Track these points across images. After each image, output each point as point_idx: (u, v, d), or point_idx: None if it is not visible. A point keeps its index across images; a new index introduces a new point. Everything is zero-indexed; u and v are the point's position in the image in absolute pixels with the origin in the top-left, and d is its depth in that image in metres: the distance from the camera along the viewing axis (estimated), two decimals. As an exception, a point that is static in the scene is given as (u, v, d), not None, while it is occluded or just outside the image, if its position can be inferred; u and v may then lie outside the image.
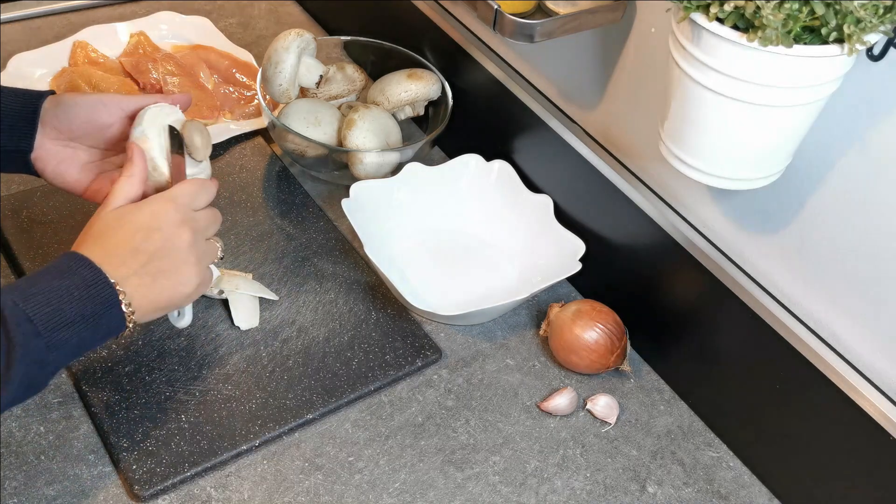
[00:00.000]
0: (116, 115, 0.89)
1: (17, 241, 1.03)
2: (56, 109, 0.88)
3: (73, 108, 0.88)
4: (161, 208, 0.80)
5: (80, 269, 0.74)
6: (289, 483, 0.86)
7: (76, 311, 0.72)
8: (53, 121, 0.88)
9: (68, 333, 0.72)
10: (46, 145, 0.88)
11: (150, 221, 0.79)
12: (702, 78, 0.71)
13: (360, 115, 1.14)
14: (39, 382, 0.73)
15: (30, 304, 0.70)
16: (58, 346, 0.72)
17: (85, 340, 0.74)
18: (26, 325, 0.69)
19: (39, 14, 1.38)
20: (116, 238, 0.78)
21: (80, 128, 0.89)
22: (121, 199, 0.81)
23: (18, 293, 0.71)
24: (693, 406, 0.98)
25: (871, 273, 0.80)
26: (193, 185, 0.84)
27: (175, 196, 0.82)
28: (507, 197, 1.12)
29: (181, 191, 0.83)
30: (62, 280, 0.73)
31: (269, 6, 1.49)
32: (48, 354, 0.71)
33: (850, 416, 0.81)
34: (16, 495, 0.82)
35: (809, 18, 0.65)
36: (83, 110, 0.88)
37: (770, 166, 0.78)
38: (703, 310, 0.94)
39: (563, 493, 0.89)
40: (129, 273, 0.77)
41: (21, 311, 0.70)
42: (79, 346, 0.74)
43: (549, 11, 0.95)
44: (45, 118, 0.88)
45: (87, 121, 0.88)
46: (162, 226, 0.79)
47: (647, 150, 0.99)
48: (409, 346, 0.99)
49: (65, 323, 0.72)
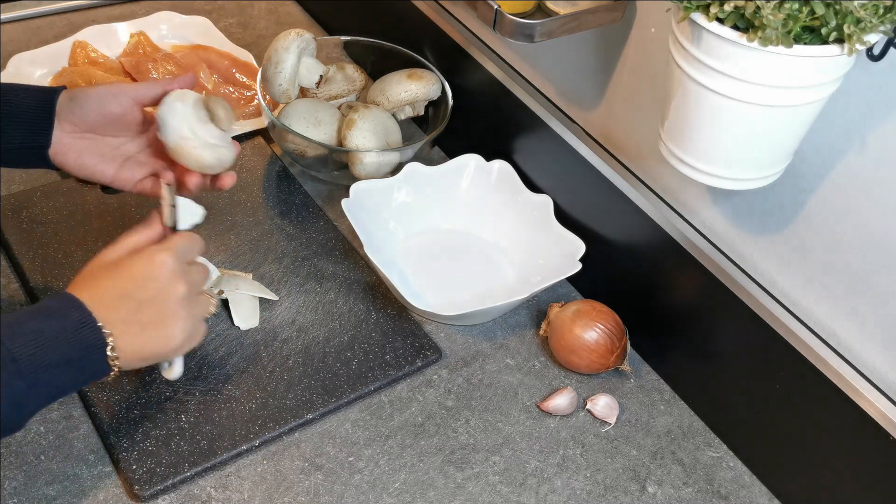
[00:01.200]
0: (127, 104, 0.90)
1: (17, 241, 1.03)
2: (70, 104, 0.89)
3: (85, 101, 0.89)
4: (158, 257, 0.79)
5: (71, 310, 0.74)
6: (289, 483, 0.86)
7: (62, 353, 0.72)
8: (69, 115, 0.89)
9: (50, 376, 0.71)
10: (65, 140, 0.89)
11: (145, 269, 0.78)
12: (702, 78, 0.71)
13: (360, 115, 1.14)
14: (15, 423, 0.72)
15: (16, 344, 0.70)
16: (38, 388, 0.71)
17: (66, 384, 0.74)
18: (10, 364, 0.69)
19: (39, 14, 1.38)
20: (110, 282, 0.77)
21: (94, 119, 0.90)
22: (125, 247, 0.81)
23: (7, 331, 0.70)
24: (693, 406, 0.98)
25: (871, 273, 0.80)
26: (186, 238, 0.83)
27: (171, 247, 0.81)
28: (507, 197, 1.12)
29: (177, 243, 0.82)
30: (51, 321, 0.72)
31: (269, 6, 1.49)
32: (28, 395, 0.70)
33: (850, 416, 0.81)
34: (16, 495, 0.82)
35: (809, 18, 0.65)
36: (95, 102, 0.89)
37: (770, 166, 0.78)
38: (703, 310, 0.94)
39: (563, 493, 0.89)
40: (117, 318, 0.76)
41: (7, 349, 0.69)
42: (60, 389, 0.73)
43: (549, 11, 0.95)
44: (61, 113, 0.89)
45: (100, 112, 0.89)
46: (158, 276, 0.78)
47: (647, 150, 0.99)
48: (409, 346, 0.99)
49: (48, 365, 0.71)
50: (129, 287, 0.77)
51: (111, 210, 1.08)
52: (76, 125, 0.89)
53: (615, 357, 0.97)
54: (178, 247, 0.81)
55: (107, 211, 1.08)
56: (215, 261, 1.04)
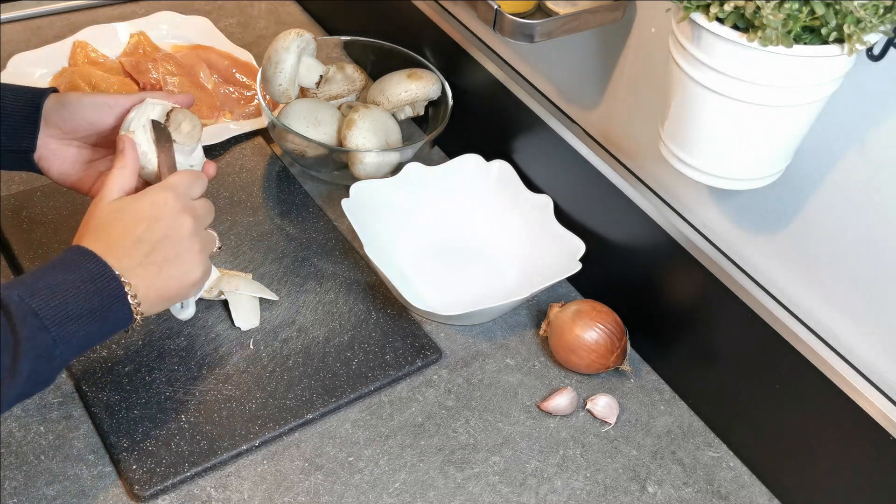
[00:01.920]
0: (121, 115, 0.89)
1: (17, 241, 1.03)
2: (61, 110, 0.88)
3: (77, 110, 0.88)
4: (161, 197, 0.79)
5: (85, 262, 0.74)
6: (289, 483, 0.86)
7: (82, 304, 0.72)
8: (58, 121, 0.88)
9: (75, 327, 0.72)
10: (51, 144, 0.89)
11: (150, 211, 0.79)
12: (702, 78, 0.71)
13: (360, 115, 1.14)
14: (47, 377, 0.72)
15: (35, 299, 0.70)
16: (65, 339, 0.71)
17: (92, 334, 0.74)
18: (33, 319, 0.69)
19: (39, 14, 1.38)
20: (118, 230, 0.77)
21: (84, 129, 0.89)
22: (116, 190, 0.81)
23: (24, 288, 0.71)
24: (693, 406, 0.98)
25: (871, 273, 0.80)
26: (188, 176, 0.84)
27: (173, 185, 0.81)
28: (507, 197, 1.12)
29: (178, 180, 0.82)
30: (67, 274, 0.73)
31: (269, 6, 1.49)
32: (55, 348, 0.71)
33: (850, 416, 0.81)
34: (16, 495, 0.82)
35: (809, 18, 0.65)
36: (87, 111, 0.88)
37: (770, 166, 0.78)
38: (703, 310, 0.94)
39: (563, 493, 0.89)
40: (133, 264, 0.76)
41: (27, 305, 0.69)
42: (86, 339, 0.74)
43: (549, 11, 0.95)
44: (50, 117, 0.88)
45: (91, 122, 0.88)
46: (163, 215, 0.79)
47: (647, 150, 0.99)
48: (409, 346, 0.99)
49: (71, 317, 0.71)
50: (139, 231, 0.77)
51: (111, 210, 1.08)
52: (64, 131, 0.88)
53: (615, 357, 0.97)
54: (178, 184, 0.82)
55: (107, 211, 1.08)
56: (215, 261, 1.04)
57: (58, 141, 0.89)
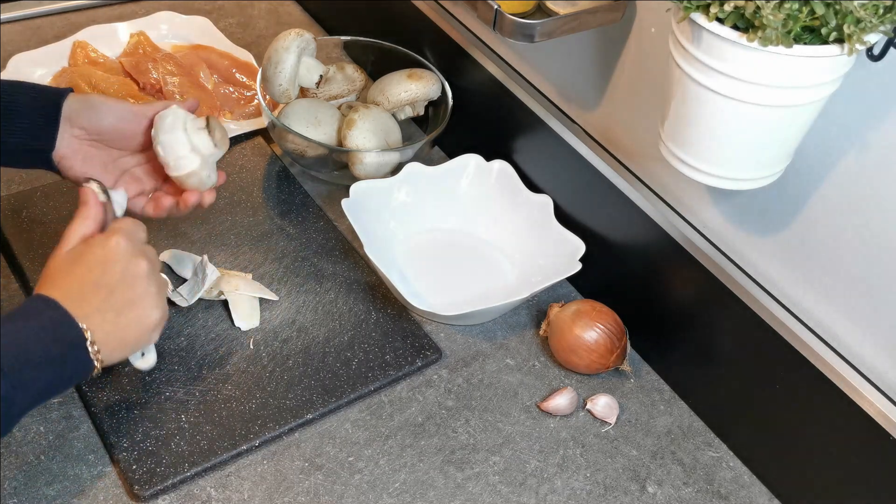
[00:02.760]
0: (143, 124, 0.91)
1: (17, 241, 1.03)
2: (88, 111, 0.88)
3: (103, 113, 0.89)
4: (112, 241, 0.79)
5: (46, 310, 0.74)
6: (289, 483, 0.86)
7: (42, 352, 0.72)
8: (83, 121, 0.88)
9: (34, 374, 0.71)
10: (73, 144, 0.89)
11: (105, 255, 0.78)
12: (702, 78, 0.71)
13: (360, 115, 1.14)
14: (6, 424, 0.71)
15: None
16: (23, 386, 0.71)
17: (52, 383, 0.74)
18: None
19: (39, 14, 1.38)
20: (74, 275, 0.77)
21: (107, 132, 0.90)
22: (74, 238, 0.80)
23: None
24: (693, 406, 0.98)
25: (871, 273, 0.80)
26: (131, 222, 0.84)
27: (120, 230, 0.81)
28: (507, 197, 1.12)
29: (124, 225, 0.82)
30: (27, 322, 0.72)
31: (269, 6, 1.49)
32: (14, 395, 0.70)
33: (850, 416, 0.81)
34: (16, 495, 0.82)
35: (809, 18, 0.65)
36: (113, 116, 0.90)
37: (770, 166, 0.78)
38: (703, 310, 0.94)
39: (563, 493, 0.89)
40: (91, 310, 0.76)
41: None
42: (46, 388, 0.73)
43: (549, 11, 0.95)
44: (73, 117, 0.88)
45: (115, 127, 0.90)
46: (118, 258, 0.78)
47: (647, 150, 0.99)
48: (409, 346, 0.99)
49: (30, 364, 0.71)
50: (95, 275, 0.77)
51: (111, 210, 1.08)
52: (88, 132, 0.89)
53: (615, 357, 0.97)
54: (125, 229, 0.82)
55: (107, 211, 1.08)
56: (215, 261, 1.04)
57: (80, 140, 0.89)
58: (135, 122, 0.90)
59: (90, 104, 0.89)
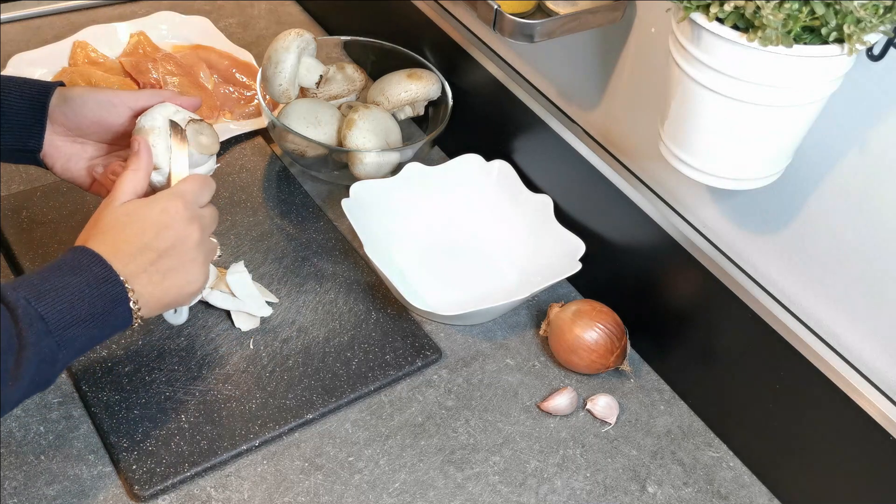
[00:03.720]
0: (125, 114, 0.88)
1: (17, 241, 1.03)
2: (64, 106, 0.87)
3: (81, 107, 0.87)
4: (171, 205, 0.80)
5: (91, 265, 0.74)
6: (289, 483, 0.86)
7: (86, 309, 0.72)
8: (61, 117, 0.88)
9: (78, 331, 0.72)
10: (56, 142, 0.88)
11: (160, 218, 0.79)
12: (702, 78, 0.71)
13: (360, 115, 1.14)
14: (48, 380, 0.73)
15: (42, 303, 0.70)
16: (67, 343, 0.72)
17: (93, 337, 0.74)
18: (38, 323, 0.69)
19: (39, 14, 1.38)
20: (126, 234, 0.77)
21: (88, 126, 0.89)
22: (127, 192, 0.80)
23: (30, 289, 0.71)
24: (693, 406, 0.98)
25: (871, 273, 0.80)
26: (197, 182, 0.84)
27: (183, 192, 0.81)
28: (507, 197, 1.12)
29: (188, 187, 0.82)
30: (73, 276, 0.73)
31: (269, 6, 1.49)
32: (58, 352, 0.71)
33: (850, 416, 0.81)
34: (16, 495, 0.82)
35: (809, 18, 0.65)
36: (91, 109, 0.88)
37: (770, 166, 0.78)
38: (703, 310, 0.94)
39: (563, 493, 0.89)
40: (138, 270, 0.76)
41: (33, 308, 0.70)
42: (87, 342, 0.74)
43: (549, 11, 0.95)
44: (53, 114, 0.87)
45: (96, 120, 0.88)
46: (173, 223, 0.79)
47: (647, 150, 0.99)
48: (409, 346, 0.99)
49: (75, 321, 0.72)
50: (147, 237, 0.78)
51: (111, 210, 1.08)
52: (69, 128, 0.88)
53: (615, 357, 0.97)
54: (189, 191, 0.82)
55: (107, 211, 1.08)
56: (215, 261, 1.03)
57: (62, 138, 0.89)
58: (115, 113, 0.88)
59: (66, 99, 0.87)
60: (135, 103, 0.88)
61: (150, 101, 0.88)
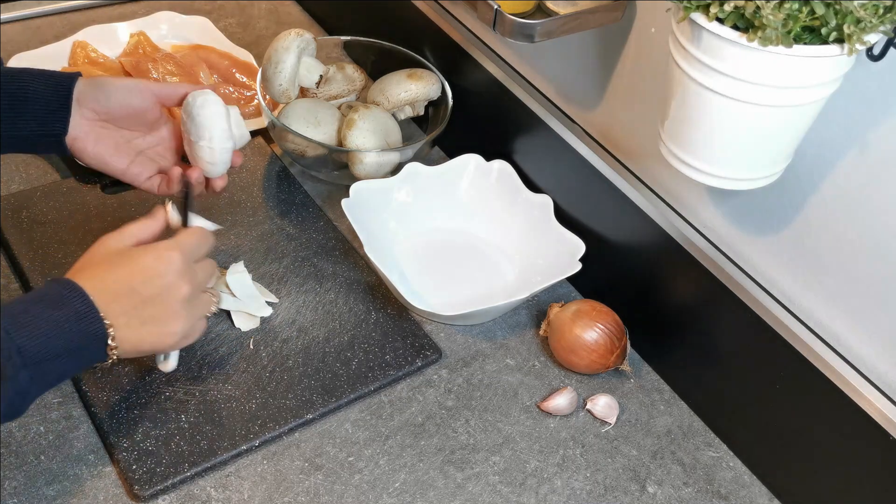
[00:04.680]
0: (150, 100, 0.92)
1: (17, 241, 1.03)
2: (95, 91, 0.90)
3: (111, 91, 0.91)
4: (167, 255, 0.79)
5: (74, 300, 0.74)
6: (289, 483, 0.86)
7: (64, 344, 0.72)
8: (91, 102, 0.90)
9: (52, 366, 0.72)
10: (84, 126, 0.90)
11: (154, 265, 0.79)
12: (702, 78, 0.71)
13: (360, 115, 1.14)
14: (19, 411, 0.73)
15: (21, 335, 0.70)
16: (40, 378, 0.72)
17: (65, 372, 0.75)
18: (16, 356, 0.69)
19: (39, 14, 1.38)
20: (116, 274, 0.77)
21: (116, 110, 0.91)
22: (130, 238, 0.81)
23: (10, 319, 0.71)
24: (693, 406, 0.98)
25: (871, 273, 0.80)
26: (196, 236, 0.84)
27: (181, 244, 0.81)
28: (507, 197, 1.12)
29: (187, 240, 0.82)
30: (54, 310, 0.73)
31: (269, 6, 1.49)
32: (31, 386, 0.71)
33: (850, 416, 0.81)
34: (16, 495, 0.82)
35: (809, 18, 0.65)
36: (119, 93, 0.91)
37: (770, 166, 0.78)
38: (703, 310, 0.94)
39: (563, 493, 0.89)
40: (119, 311, 0.76)
41: (12, 341, 0.69)
42: (58, 377, 0.75)
43: (549, 11, 0.95)
44: (82, 99, 0.90)
45: (123, 104, 0.91)
46: (165, 273, 0.79)
47: (647, 150, 0.99)
48: (409, 346, 0.99)
49: (51, 356, 0.72)
50: (135, 282, 0.78)
51: (111, 210, 1.08)
52: (97, 113, 0.91)
53: (615, 357, 0.97)
54: (187, 244, 0.82)
55: (107, 211, 1.08)
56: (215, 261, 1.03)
57: (90, 122, 0.91)
58: (142, 99, 0.92)
59: (98, 84, 0.91)
60: (160, 91, 0.93)
61: (175, 90, 0.93)
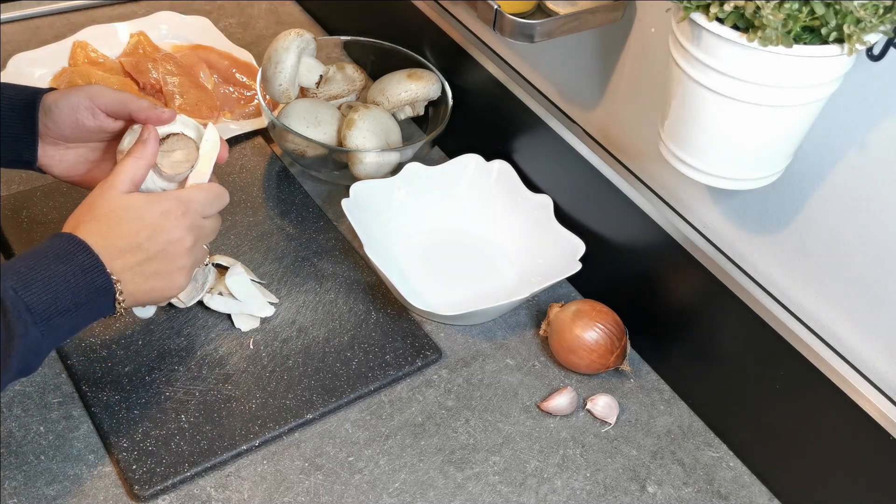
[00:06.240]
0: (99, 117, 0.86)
1: (17, 241, 1.03)
2: (45, 118, 0.86)
3: (58, 115, 0.85)
4: (173, 209, 0.79)
5: (79, 254, 0.74)
6: (289, 483, 0.86)
7: (72, 298, 0.73)
8: (43, 129, 0.86)
9: (62, 321, 0.73)
10: (49, 151, 0.88)
11: (158, 221, 0.78)
12: (702, 78, 0.71)
13: (360, 115, 1.14)
14: (32, 367, 0.74)
15: (29, 293, 0.71)
16: (51, 333, 0.72)
17: (76, 326, 0.75)
18: (26, 314, 0.70)
19: (39, 14, 1.38)
20: (121, 229, 0.77)
21: (70, 132, 0.87)
22: (126, 181, 0.80)
23: (17, 279, 0.71)
24: (693, 406, 0.98)
25: (871, 273, 0.80)
26: (210, 193, 0.83)
27: (189, 200, 0.81)
28: (507, 197, 1.12)
29: (197, 196, 0.82)
30: (59, 265, 0.73)
31: (269, 6, 1.49)
32: (42, 342, 0.72)
33: (850, 416, 0.81)
34: (16, 495, 0.82)
35: (809, 18, 0.65)
36: (66, 114, 0.85)
37: (770, 166, 0.78)
38: (703, 310, 0.94)
39: (563, 493, 0.89)
40: (124, 267, 0.77)
41: (21, 299, 0.70)
42: (70, 331, 0.75)
43: (549, 11, 0.95)
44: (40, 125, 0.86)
45: (72, 125, 0.86)
46: (169, 228, 0.79)
47: (647, 150, 0.99)
48: (409, 346, 0.99)
49: (60, 311, 0.72)
50: (141, 238, 0.78)
51: (111, 210, 1.08)
52: (55, 138, 0.87)
53: (615, 357, 0.97)
54: (197, 201, 0.81)
55: (107, 211, 1.08)
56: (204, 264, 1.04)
57: (54, 147, 0.88)
58: (86, 115, 0.85)
59: (47, 110, 0.85)
60: (101, 102, 0.85)
61: (120, 98, 0.85)
